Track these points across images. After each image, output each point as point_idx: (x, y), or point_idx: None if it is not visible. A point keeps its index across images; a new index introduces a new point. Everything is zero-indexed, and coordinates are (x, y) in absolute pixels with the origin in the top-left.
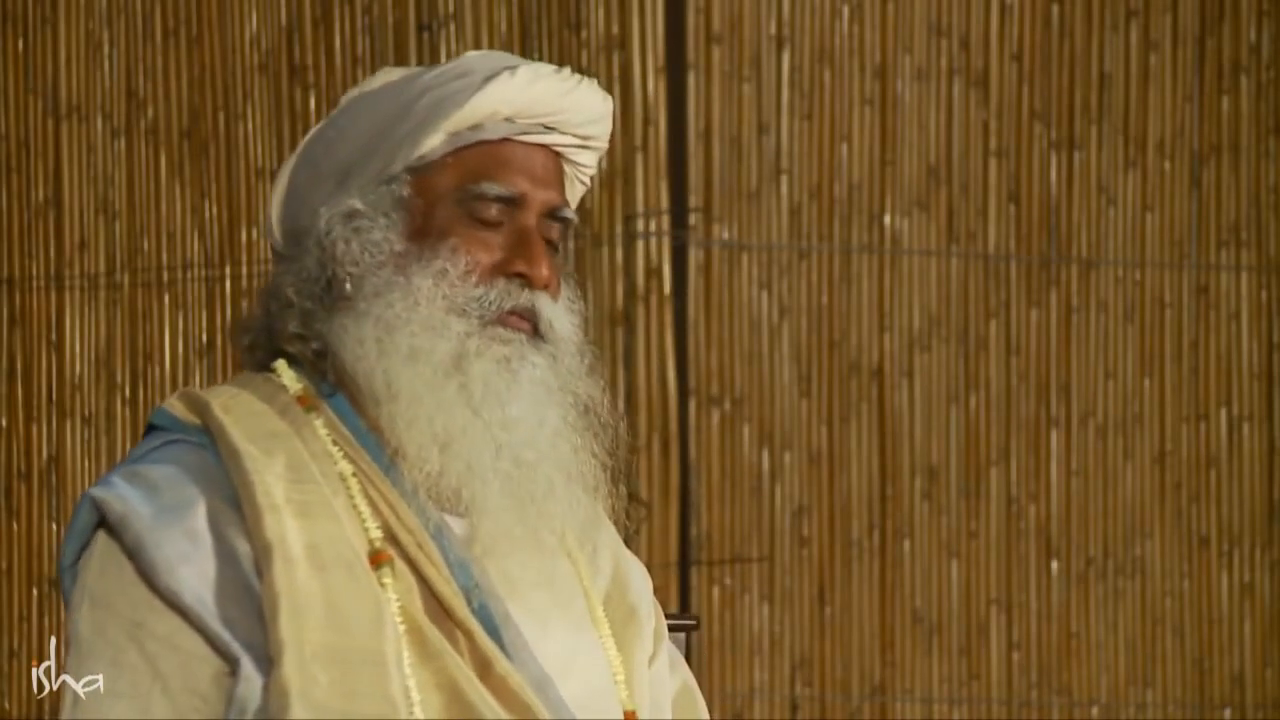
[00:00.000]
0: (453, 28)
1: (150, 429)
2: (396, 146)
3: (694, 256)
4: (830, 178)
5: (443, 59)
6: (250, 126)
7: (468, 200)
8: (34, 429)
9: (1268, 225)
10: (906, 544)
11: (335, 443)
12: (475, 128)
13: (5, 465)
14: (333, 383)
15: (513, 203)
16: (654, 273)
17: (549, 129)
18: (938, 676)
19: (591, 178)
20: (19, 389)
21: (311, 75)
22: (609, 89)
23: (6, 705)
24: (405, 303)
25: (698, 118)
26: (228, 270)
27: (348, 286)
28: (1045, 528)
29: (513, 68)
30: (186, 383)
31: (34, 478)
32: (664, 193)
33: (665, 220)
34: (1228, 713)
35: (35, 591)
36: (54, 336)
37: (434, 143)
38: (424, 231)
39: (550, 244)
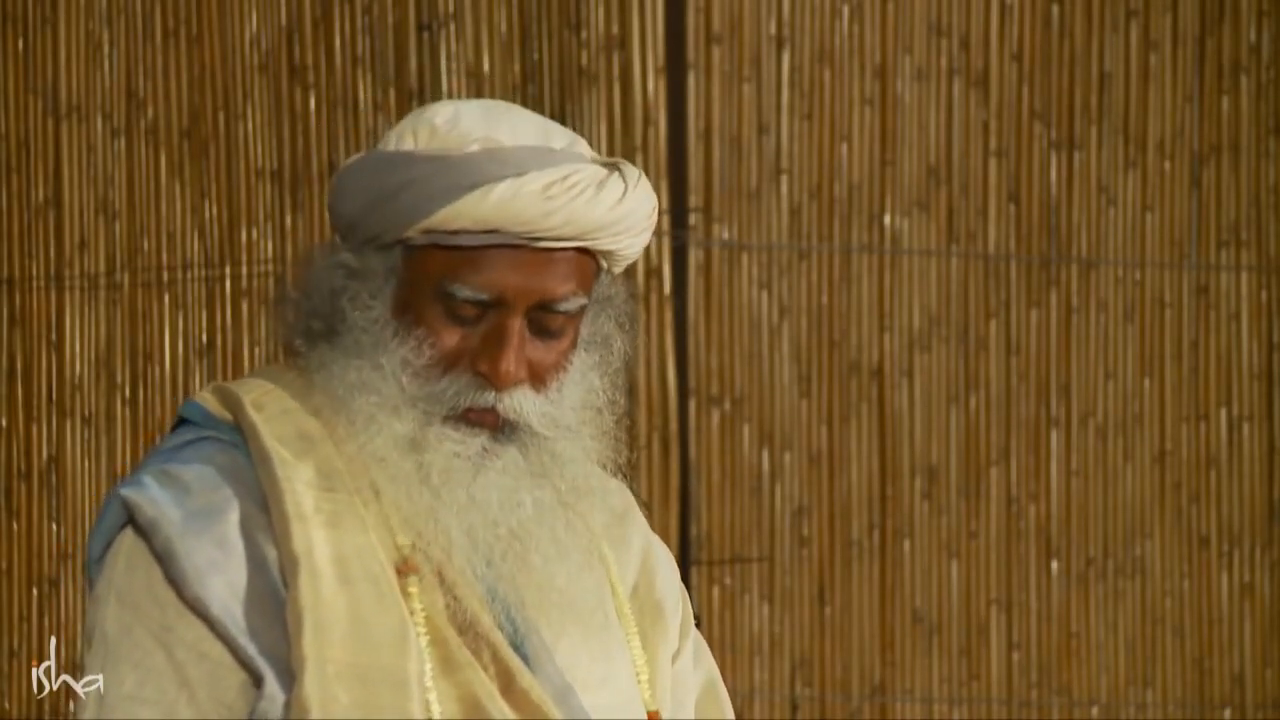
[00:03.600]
0: (453, 28)
1: (180, 422)
2: (385, 223)
3: (694, 256)
4: (830, 178)
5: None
6: (250, 126)
7: (443, 296)
8: (34, 429)
9: (1268, 225)
10: (906, 544)
11: None
12: (454, 232)
13: (5, 465)
14: None
15: (488, 304)
16: (654, 273)
17: (536, 238)
18: (938, 676)
19: (644, 249)
20: (19, 389)
21: (311, 75)
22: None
23: (6, 705)
24: (371, 375)
25: (698, 118)
26: (228, 270)
27: (335, 332)
28: (1045, 528)
29: (493, 182)
30: (186, 383)
31: (34, 478)
32: (664, 193)
33: (665, 220)
34: (1228, 713)
35: (35, 591)
36: (54, 336)
37: (414, 232)
38: (405, 308)
39: (546, 333)
